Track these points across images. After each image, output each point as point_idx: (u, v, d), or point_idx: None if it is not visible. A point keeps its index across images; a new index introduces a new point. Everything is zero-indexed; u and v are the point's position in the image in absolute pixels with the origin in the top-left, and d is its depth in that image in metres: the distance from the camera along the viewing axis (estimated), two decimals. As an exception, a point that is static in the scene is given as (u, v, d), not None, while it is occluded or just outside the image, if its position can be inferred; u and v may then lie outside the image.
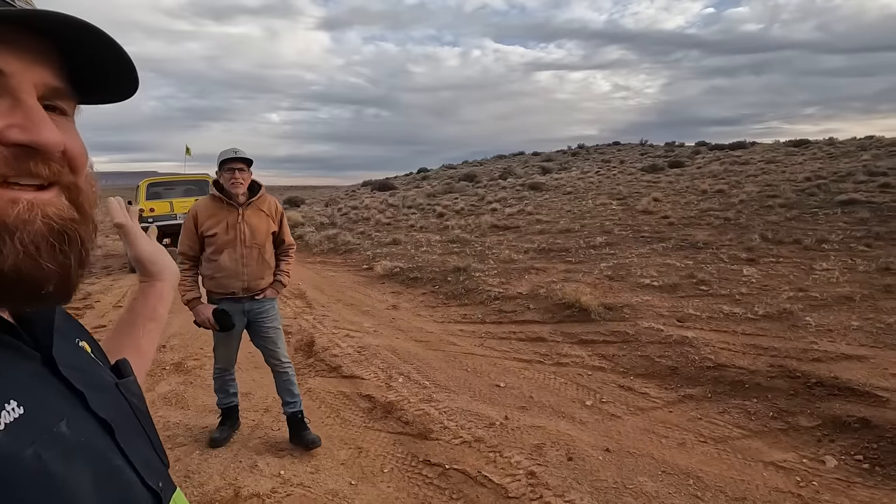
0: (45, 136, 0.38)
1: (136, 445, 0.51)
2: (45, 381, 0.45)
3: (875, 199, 8.80)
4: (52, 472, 0.38)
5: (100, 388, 0.51)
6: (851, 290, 4.62)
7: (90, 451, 0.44)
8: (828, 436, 2.78)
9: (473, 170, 32.91)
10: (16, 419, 0.38)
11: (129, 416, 0.53)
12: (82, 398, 0.47)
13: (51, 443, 0.40)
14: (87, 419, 0.46)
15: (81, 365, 0.52)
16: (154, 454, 0.54)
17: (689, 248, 6.89)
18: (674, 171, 18.69)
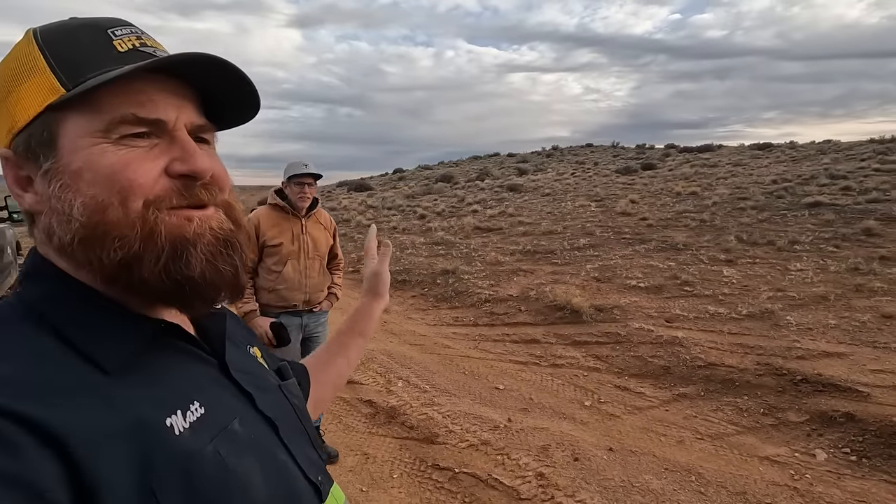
0: (198, 164, 0.45)
1: (298, 442, 0.55)
2: (220, 384, 0.51)
3: (839, 202, 9.25)
4: (230, 467, 0.43)
5: (266, 390, 0.56)
6: (826, 289, 4.86)
7: (260, 447, 0.48)
8: (816, 430, 2.93)
9: (449, 171, 33.00)
10: (198, 418, 0.44)
11: (291, 415, 0.58)
12: (251, 399, 0.52)
13: (227, 439, 0.45)
14: (256, 418, 0.51)
15: (250, 369, 0.57)
16: (313, 450, 0.58)
17: (669, 250, 7.11)
18: (647, 174, 19.18)
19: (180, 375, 0.47)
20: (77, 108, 0.43)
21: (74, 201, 0.42)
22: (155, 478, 0.38)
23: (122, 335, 0.44)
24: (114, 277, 0.43)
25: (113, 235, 0.42)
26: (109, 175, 0.42)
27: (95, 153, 0.43)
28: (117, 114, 0.43)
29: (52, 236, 0.44)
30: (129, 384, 0.42)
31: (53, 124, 0.43)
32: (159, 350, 0.46)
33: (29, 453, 0.33)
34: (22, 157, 0.45)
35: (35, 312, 0.43)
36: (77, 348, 0.41)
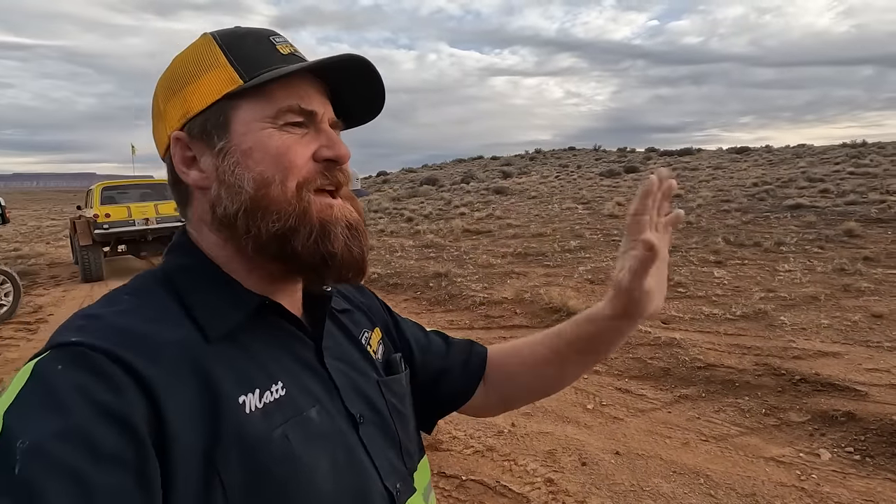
0: (343, 150, 0.53)
1: (382, 444, 0.55)
2: (311, 369, 0.53)
3: (819, 204, 9.48)
4: (295, 453, 0.45)
5: (358, 384, 0.56)
6: (815, 290, 4.94)
7: (334, 441, 0.49)
8: (818, 430, 2.95)
9: (434, 173, 32.98)
10: (276, 399, 0.47)
11: (383, 414, 0.57)
12: (338, 390, 0.53)
13: (300, 426, 0.47)
14: (339, 410, 0.52)
15: (349, 359, 0.58)
16: (398, 455, 0.57)
17: (659, 252, 7.17)
18: (630, 176, 19.43)
19: (272, 354, 0.50)
20: (250, 97, 0.50)
21: (245, 175, 0.49)
22: (218, 448, 0.41)
23: (230, 308, 0.49)
24: (265, 246, 0.49)
25: (273, 209, 0.49)
26: (275, 155, 0.49)
27: (264, 136, 0.50)
28: (285, 104, 0.50)
29: (217, 207, 0.51)
30: (222, 356, 0.46)
31: (229, 110, 0.50)
32: (260, 327, 0.51)
33: (129, 395, 0.39)
34: (194, 139, 0.52)
35: (169, 280, 0.51)
36: (192, 315, 0.47)
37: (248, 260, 0.52)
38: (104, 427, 0.37)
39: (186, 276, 0.51)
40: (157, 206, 9.12)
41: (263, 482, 0.42)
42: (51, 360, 0.40)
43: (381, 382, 0.60)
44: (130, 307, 0.47)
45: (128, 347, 0.41)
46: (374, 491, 0.50)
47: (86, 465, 0.35)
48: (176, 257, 0.54)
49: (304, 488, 0.44)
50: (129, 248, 9.95)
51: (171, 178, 0.55)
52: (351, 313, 0.65)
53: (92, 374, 0.39)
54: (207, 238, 0.53)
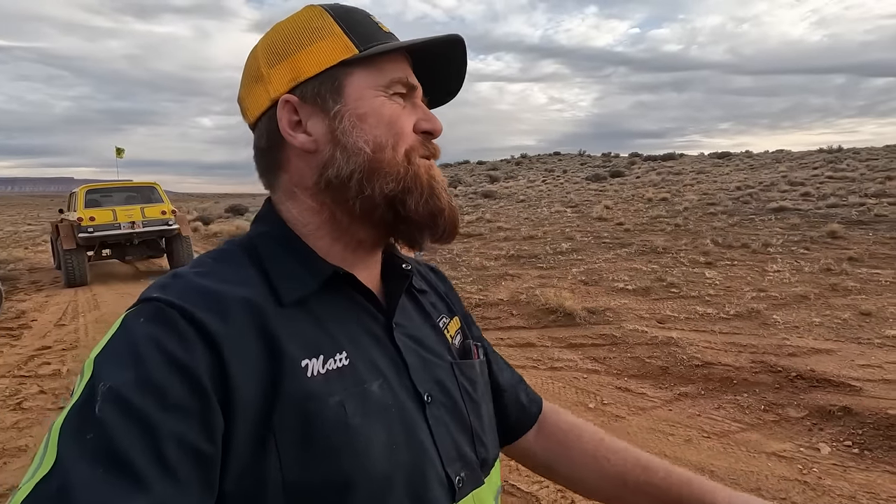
0: (439, 124, 0.56)
1: (450, 428, 0.53)
2: (380, 343, 0.52)
3: (801, 207, 9.71)
4: (350, 423, 0.45)
5: (430, 364, 0.55)
6: (804, 289, 5.05)
7: (394, 416, 0.48)
8: (817, 425, 3.00)
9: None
10: (338, 367, 0.47)
11: (454, 396, 0.56)
12: (407, 367, 0.52)
13: (359, 397, 0.46)
14: (405, 388, 0.51)
15: (422, 338, 0.57)
16: (467, 443, 0.54)
17: (650, 253, 7.27)
18: (616, 181, 19.69)
19: (341, 324, 0.50)
20: (362, 67, 0.52)
21: (361, 139, 0.51)
22: (276, 408, 0.42)
23: (305, 275, 0.50)
24: (375, 207, 0.52)
25: (388, 172, 0.51)
26: (389, 122, 0.52)
27: (377, 103, 0.52)
28: (395, 76, 0.53)
29: (329, 168, 0.52)
30: (291, 321, 0.47)
31: (343, 76, 0.52)
32: (333, 297, 0.51)
33: (196, 349, 0.41)
34: (306, 102, 0.52)
35: (252, 246, 0.53)
36: (269, 279, 0.49)
37: (338, 227, 0.54)
38: (172, 376, 0.39)
39: (268, 243, 0.53)
40: (143, 209, 8.94)
41: (316, 447, 0.43)
42: (136, 314, 0.44)
43: (455, 365, 0.58)
44: (211, 269, 0.49)
45: (200, 305, 0.43)
46: (431, 475, 0.49)
47: (153, 411, 0.37)
48: (260, 225, 0.56)
49: (357, 459, 0.44)
50: (114, 252, 9.73)
51: (264, 143, 0.55)
52: (429, 295, 0.65)
53: (166, 328, 0.42)
54: (300, 204, 0.54)
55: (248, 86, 0.56)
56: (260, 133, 0.56)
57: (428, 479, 0.48)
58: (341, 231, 0.54)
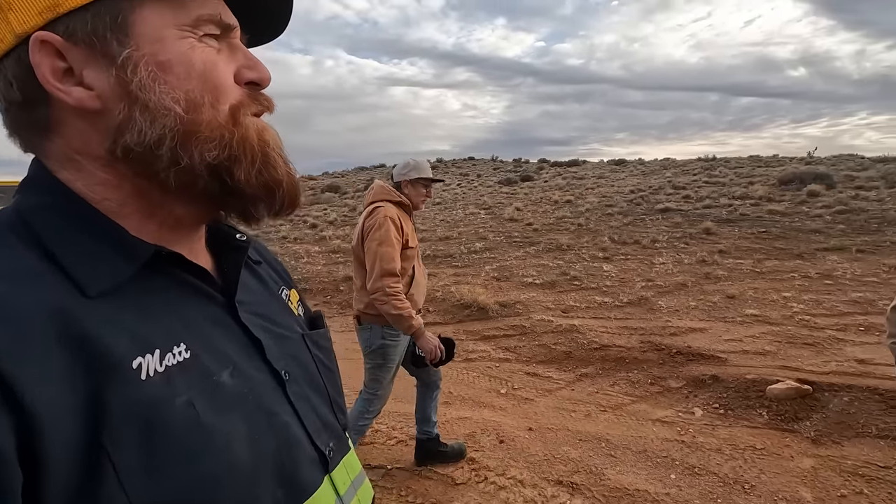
0: (266, 71, 0.46)
1: (312, 402, 0.49)
2: (223, 326, 0.45)
3: (683, 208, 10.91)
4: (203, 423, 0.38)
5: (282, 338, 0.50)
6: (684, 278, 5.72)
7: (251, 404, 0.42)
8: (692, 392, 3.44)
9: (335, 181, 32.25)
10: (179, 362, 0.39)
11: (310, 369, 0.52)
12: (260, 347, 0.47)
13: (208, 391, 0.40)
14: (260, 369, 0.46)
15: (268, 312, 0.51)
16: (330, 412, 0.52)
17: (556, 250, 7.78)
18: (526, 184, 20.71)
19: (173, 312, 0.42)
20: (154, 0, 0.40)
21: (168, 94, 0.40)
22: (106, 426, 0.33)
23: (115, 258, 0.39)
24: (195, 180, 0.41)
25: (208, 136, 0.41)
26: (203, 72, 0.41)
27: (185, 47, 0.41)
28: (205, 12, 0.42)
29: (126, 134, 0.40)
30: (106, 315, 0.37)
31: (127, 11, 0.39)
32: (155, 280, 0.42)
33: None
34: (75, 44, 0.39)
35: (24, 222, 0.39)
36: (61, 265, 0.37)
37: (148, 203, 0.43)
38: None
39: (51, 218, 0.39)
40: None
41: (167, 458, 0.35)
42: None
43: (306, 336, 0.54)
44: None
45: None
46: (300, 454, 0.45)
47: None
48: (32, 196, 0.41)
49: (218, 461, 0.37)
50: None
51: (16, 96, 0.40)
52: (264, 266, 0.58)
53: None
54: (89, 176, 0.41)
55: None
56: (4, 81, 0.40)
57: (297, 459, 0.45)
58: (153, 207, 0.43)
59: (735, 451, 2.75)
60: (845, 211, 8.79)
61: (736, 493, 2.41)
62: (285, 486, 0.43)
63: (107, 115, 0.40)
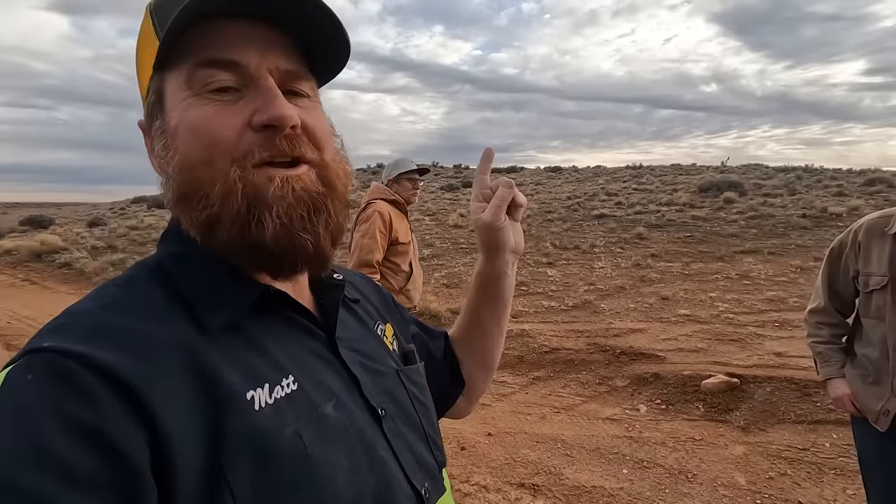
0: (277, 110, 0.41)
1: (407, 439, 0.50)
2: (325, 361, 0.47)
3: (617, 214, 11.58)
4: (310, 454, 0.39)
5: (378, 374, 0.51)
6: (622, 281, 6.08)
7: (352, 438, 0.44)
8: (637, 390, 3.67)
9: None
10: (287, 394, 0.41)
11: (405, 405, 0.52)
12: (357, 383, 0.48)
13: (314, 423, 0.41)
14: (358, 405, 0.47)
15: (366, 348, 0.53)
16: (426, 450, 0.52)
17: (501, 257, 7.99)
18: (467, 191, 21.05)
19: (280, 346, 0.44)
20: (172, 63, 0.43)
21: (173, 159, 0.43)
22: (225, 453, 0.36)
23: (230, 297, 0.43)
24: (205, 238, 0.43)
25: (199, 194, 0.42)
26: (193, 132, 0.42)
27: (184, 107, 0.42)
28: (194, 59, 0.42)
29: (164, 195, 0.45)
30: (224, 349, 0.40)
31: (161, 84, 0.44)
32: (264, 317, 0.45)
33: (107, 406, 0.33)
34: (146, 125, 0.47)
35: (162, 269, 0.45)
36: (187, 304, 0.42)
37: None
38: (78, 446, 0.31)
39: (180, 264, 0.45)
40: None
41: (276, 486, 0.37)
42: (21, 370, 0.34)
43: (401, 372, 0.55)
44: (115, 300, 0.41)
45: (108, 348, 0.35)
46: (398, 491, 0.45)
47: (58, 493, 0.30)
48: (168, 245, 0.47)
49: (322, 492, 0.39)
50: None
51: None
52: (362, 303, 0.60)
53: (63, 385, 0.33)
54: None
55: None
56: None
57: (396, 496, 0.45)
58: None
59: (677, 444, 2.97)
60: (756, 216, 9.71)
61: (681, 483, 2.61)
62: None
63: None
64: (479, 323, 0.72)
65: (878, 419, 1.49)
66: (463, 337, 0.73)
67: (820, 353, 1.67)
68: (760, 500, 2.46)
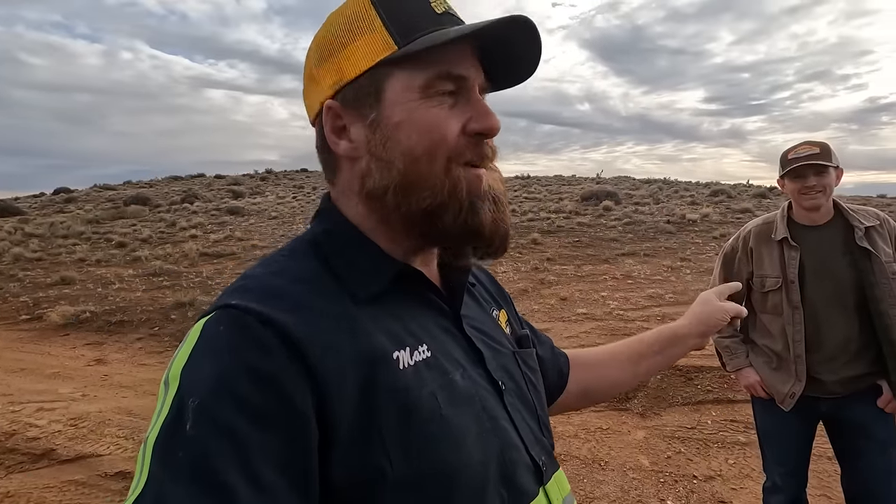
0: (493, 121, 0.50)
1: (524, 415, 0.54)
2: (451, 335, 0.53)
3: (512, 220, 12.13)
4: (444, 414, 0.44)
5: (497, 352, 0.56)
6: (524, 285, 6.39)
7: (479, 405, 0.49)
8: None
9: (143, 192, 27.82)
10: (424, 359, 0.47)
11: (521, 384, 0.57)
12: (480, 357, 0.53)
13: (446, 388, 0.46)
14: (481, 377, 0.52)
15: (486, 328, 0.58)
16: (538, 427, 0.56)
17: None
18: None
19: (415, 318, 0.50)
20: (403, 65, 0.48)
21: (395, 151, 0.48)
22: (377, 402, 0.42)
23: (376, 272, 0.49)
24: (413, 222, 0.49)
25: (423, 186, 0.48)
26: (424, 130, 0.48)
27: (412, 108, 0.48)
28: (439, 69, 0.48)
29: (367, 179, 0.50)
30: (371, 316, 0.46)
31: (382, 79, 0.48)
32: (402, 292, 0.51)
33: (278, 356, 0.39)
34: (347, 108, 0.50)
35: (315, 242, 0.51)
36: (339, 277, 0.48)
37: (392, 230, 0.52)
38: (260, 389, 0.38)
39: (332, 240, 0.51)
40: None
41: (417, 439, 0.42)
42: (214, 322, 0.41)
43: (517, 354, 0.59)
44: (283, 268, 0.48)
45: (279, 308, 0.42)
46: (518, 460, 0.49)
47: (244, 427, 0.36)
48: (322, 222, 0.54)
49: (456, 449, 0.44)
50: None
51: (319, 144, 0.54)
52: (479, 288, 0.65)
53: (247, 337, 0.40)
54: (353, 207, 0.52)
55: (306, 85, 0.54)
56: (317, 133, 0.54)
57: (517, 463, 0.49)
58: (394, 235, 0.52)
59: (588, 434, 3.17)
60: (631, 223, 10.85)
61: (595, 471, 2.78)
62: (507, 487, 0.47)
63: (359, 164, 0.50)
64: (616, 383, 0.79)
65: (784, 400, 1.71)
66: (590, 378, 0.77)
67: (726, 347, 1.87)
68: (662, 478, 2.72)
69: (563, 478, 0.57)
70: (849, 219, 1.64)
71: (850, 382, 1.64)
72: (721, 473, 2.71)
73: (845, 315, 1.62)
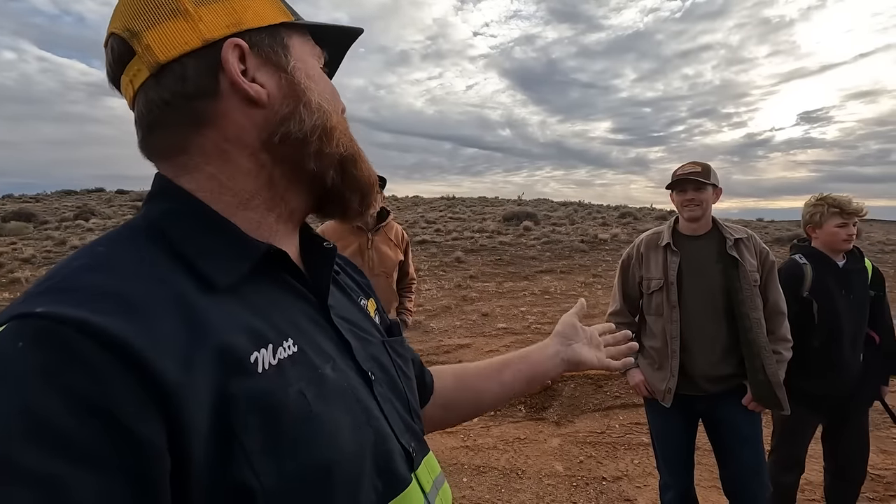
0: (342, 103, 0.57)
1: (394, 404, 0.53)
2: (319, 325, 0.50)
3: (437, 240, 12.33)
4: (314, 411, 0.41)
5: (366, 342, 0.54)
6: (447, 302, 6.46)
7: (351, 398, 0.46)
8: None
9: (27, 206, 24.79)
10: (289, 356, 0.43)
11: (391, 373, 0.56)
12: (348, 347, 0.51)
13: (316, 383, 0.43)
14: (350, 368, 0.50)
15: (353, 317, 0.56)
16: (408, 415, 0.55)
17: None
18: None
19: (279, 309, 0.46)
20: (298, 34, 0.52)
21: (322, 97, 0.51)
22: (234, 413, 0.36)
23: (236, 256, 0.44)
24: (326, 169, 0.51)
25: (342, 133, 0.52)
26: (332, 89, 0.54)
27: (319, 70, 0.54)
28: (320, 50, 0.55)
29: (287, 123, 0.48)
30: (228, 311, 0.41)
31: (286, 36, 0.51)
32: (262, 280, 0.46)
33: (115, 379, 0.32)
34: (256, 53, 0.48)
35: (154, 229, 0.44)
36: (188, 263, 0.42)
37: (274, 193, 0.49)
38: (83, 422, 0.30)
39: (178, 222, 0.44)
40: None
41: (287, 442, 0.39)
42: (10, 337, 0.31)
43: (387, 343, 0.58)
44: (107, 260, 0.39)
45: (104, 312, 0.33)
46: (393, 448, 0.48)
47: (62, 471, 0.29)
48: (160, 203, 0.46)
49: (329, 447, 0.41)
50: None
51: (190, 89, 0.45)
52: (343, 276, 0.63)
53: (61, 355, 0.31)
54: (230, 167, 0.47)
55: (149, 18, 0.45)
56: (175, 78, 0.45)
57: (391, 451, 0.48)
58: (276, 198, 0.49)
59: (507, 445, 3.24)
60: (549, 242, 11.41)
61: (514, 480, 2.84)
62: (383, 477, 0.46)
63: (268, 110, 0.48)
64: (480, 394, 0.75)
65: (664, 397, 1.86)
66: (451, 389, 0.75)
67: None
68: (575, 482, 2.83)
69: (433, 460, 0.57)
70: (723, 231, 1.86)
71: (719, 381, 1.82)
72: (627, 473, 2.88)
73: (715, 317, 1.81)
